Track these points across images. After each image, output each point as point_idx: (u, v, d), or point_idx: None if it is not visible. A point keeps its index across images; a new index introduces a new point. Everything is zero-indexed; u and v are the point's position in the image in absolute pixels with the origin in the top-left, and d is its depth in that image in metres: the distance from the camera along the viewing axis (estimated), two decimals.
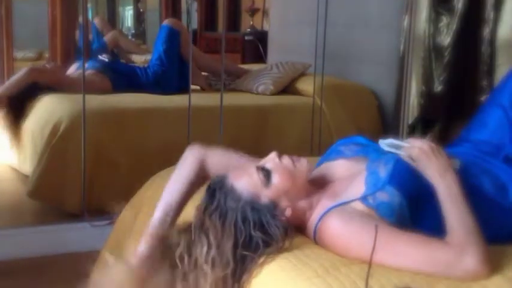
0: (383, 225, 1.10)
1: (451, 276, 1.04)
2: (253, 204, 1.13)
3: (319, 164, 1.36)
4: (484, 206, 1.18)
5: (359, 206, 1.15)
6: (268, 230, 1.12)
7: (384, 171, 1.16)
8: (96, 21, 3.83)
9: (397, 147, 1.22)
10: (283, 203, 1.16)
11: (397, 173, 1.16)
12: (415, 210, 1.16)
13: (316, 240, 1.17)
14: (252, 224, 1.11)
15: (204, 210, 1.15)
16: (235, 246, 1.10)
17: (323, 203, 1.19)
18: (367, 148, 1.30)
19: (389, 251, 1.07)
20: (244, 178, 1.15)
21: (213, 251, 1.11)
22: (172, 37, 3.15)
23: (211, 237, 1.12)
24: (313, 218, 1.19)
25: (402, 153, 1.20)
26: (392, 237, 1.08)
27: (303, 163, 1.19)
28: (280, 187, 1.16)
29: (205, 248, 1.11)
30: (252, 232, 1.11)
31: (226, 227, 1.11)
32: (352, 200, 1.15)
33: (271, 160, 1.18)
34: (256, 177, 1.15)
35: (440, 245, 1.06)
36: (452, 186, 1.13)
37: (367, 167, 1.20)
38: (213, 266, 1.10)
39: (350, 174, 1.25)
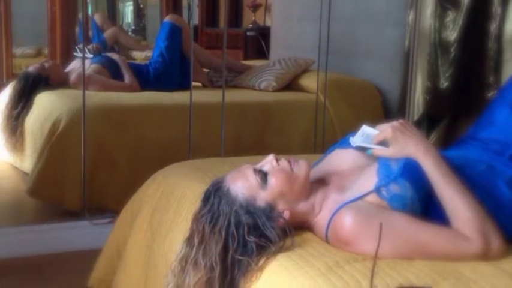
0: (405, 216, 1.10)
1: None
2: (249, 207, 1.12)
3: (330, 150, 1.35)
4: (490, 199, 1.17)
5: (372, 198, 1.14)
6: (264, 233, 1.10)
7: (395, 164, 1.16)
8: (96, 18, 3.81)
9: (369, 137, 1.21)
10: (280, 206, 1.15)
11: (408, 167, 1.15)
12: (426, 207, 1.15)
13: (328, 236, 1.15)
14: (246, 228, 1.10)
15: (196, 215, 1.15)
16: (225, 250, 1.09)
17: (334, 199, 1.18)
18: None
19: (411, 244, 1.08)
20: (241, 181, 1.14)
21: (194, 254, 1.10)
22: (174, 33, 3.13)
23: (196, 241, 1.11)
24: (324, 215, 1.17)
25: (374, 147, 1.20)
26: (419, 230, 1.09)
27: (302, 166, 1.17)
28: (277, 190, 1.14)
29: (187, 251, 1.12)
30: (246, 236, 1.10)
31: (216, 231, 1.10)
32: (367, 194, 1.14)
33: (268, 162, 1.17)
34: (252, 180, 1.14)
35: (467, 240, 1.09)
36: (440, 161, 1.14)
37: (379, 160, 1.19)
38: (195, 268, 1.10)
39: (358, 166, 1.24)
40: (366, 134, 1.22)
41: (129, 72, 3.00)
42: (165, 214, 1.48)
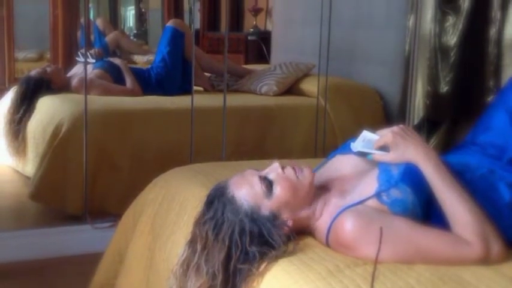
0: (406, 220, 1.11)
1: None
2: (253, 215, 1.12)
3: (331, 156, 1.35)
4: (490, 204, 1.17)
5: (373, 203, 1.14)
6: (268, 241, 1.10)
7: (395, 169, 1.17)
8: (98, 22, 3.81)
9: (369, 143, 1.22)
10: (284, 214, 1.15)
11: (408, 172, 1.16)
12: (427, 211, 1.15)
13: (329, 240, 1.15)
14: (249, 236, 1.10)
15: (199, 219, 1.15)
16: (228, 258, 1.09)
17: (335, 203, 1.18)
18: None
19: (416, 249, 1.09)
20: (246, 188, 1.14)
21: (196, 259, 1.10)
22: (177, 38, 3.14)
23: (198, 247, 1.11)
24: (325, 218, 1.17)
25: (375, 152, 1.20)
26: (420, 234, 1.09)
27: (306, 174, 1.17)
28: (282, 199, 1.14)
29: (190, 255, 1.11)
30: (250, 245, 1.09)
31: (219, 239, 1.10)
32: (367, 198, 1.14)
33: (274, 170, 1.16)
34: (258, 188, 1.13)
35: (468, 244, 1.09)
36: (440, 166, 1.15)
37: (379, 165, 1.20)
38: (197, 274, 1.10)
39: (359, 171, 1.24)
40: (366, 139, 1.23)
41: (131, 76, 3.01)
42: (166, 218, 1.48)
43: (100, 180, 2.48)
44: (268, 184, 1.14)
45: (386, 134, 1.20)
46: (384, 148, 1.21)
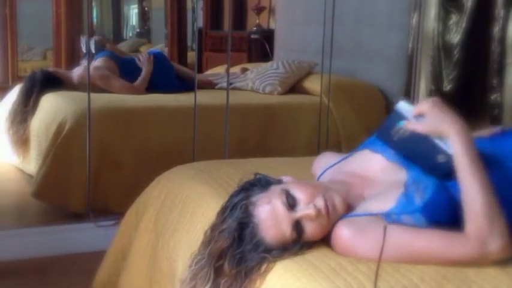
0: (396, 226, 1.08)
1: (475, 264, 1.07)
2: (277, 253, 1.10)
3: (361, 148, 1.32)
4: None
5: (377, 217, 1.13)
6: (285, 256, 1.10)
7: (419, 198, 1.11)
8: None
9: (407, 112, 1.15)
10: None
11: (432, 203, 1.11)
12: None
13: (331, 245, 1.14)
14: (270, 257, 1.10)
15: (228, 245, 1.11)
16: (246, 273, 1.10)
17: (346, 210, 1.16)
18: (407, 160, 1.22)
19: (406, 252, 1.07)
20: (275, 231, 1.10)
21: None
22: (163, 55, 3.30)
23: (221, 280, 1.09)
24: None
25: (410, 118, 1.13)
26: (412, 237, 1.07)
27: (338, 209, 1.13)
28: (308, 239, 1.13)
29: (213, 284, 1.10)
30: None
31: (242, 273, 1.08)
32: (374, 214, 1.12)
33: (308, 216, 1.11)
34: (288, 234, 1.10)
35: (461, 242, 1.06)
36: (470, 146, 1.09)
37: (406, 186, 1.14)
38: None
39: (384, 180, 1.20)
40: (404, 109, 1.15)
41: (146, 76, 3.01)
42: (169, 216, 1.49)
43: (103, 178, 2.49)
44: (301, 231, 1.11)
45: (425, 103, 1.13)
46: (418, 118, 1.13)
